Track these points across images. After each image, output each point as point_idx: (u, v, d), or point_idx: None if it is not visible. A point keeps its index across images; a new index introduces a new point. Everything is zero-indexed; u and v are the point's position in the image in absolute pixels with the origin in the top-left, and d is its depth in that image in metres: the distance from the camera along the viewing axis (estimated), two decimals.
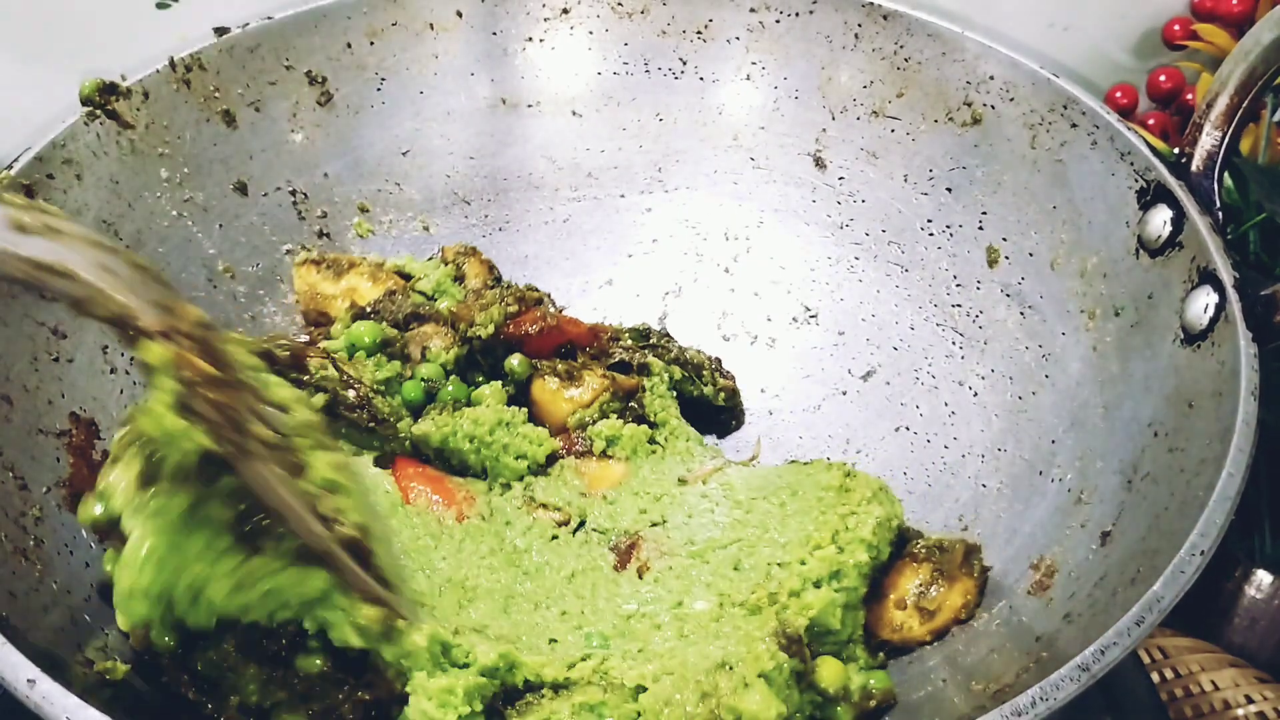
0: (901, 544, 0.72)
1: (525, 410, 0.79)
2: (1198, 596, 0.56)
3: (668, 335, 0.89)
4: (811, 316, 0.91)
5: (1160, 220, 0.73)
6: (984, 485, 0.78)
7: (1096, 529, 0.66)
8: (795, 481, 0.74)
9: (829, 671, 0.62)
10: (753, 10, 0.95)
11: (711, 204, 0.97)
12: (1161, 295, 0.72)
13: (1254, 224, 0.86)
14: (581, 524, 0.76)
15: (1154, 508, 0.63)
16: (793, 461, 0.82)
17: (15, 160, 0.73)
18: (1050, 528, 0.71)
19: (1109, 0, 0.98)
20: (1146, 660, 0.79)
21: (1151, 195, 0.75)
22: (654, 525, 0.75)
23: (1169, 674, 0.78)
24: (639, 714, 0.58)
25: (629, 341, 0.86)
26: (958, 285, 0.88)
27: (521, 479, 0.78)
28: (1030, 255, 0.84)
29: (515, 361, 0.80)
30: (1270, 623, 0.81)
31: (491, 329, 0.80)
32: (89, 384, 0.74)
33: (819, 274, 0.94)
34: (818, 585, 0.65)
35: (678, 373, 0.84)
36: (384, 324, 0.81)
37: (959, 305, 0.87)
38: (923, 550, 0.71)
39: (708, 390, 0.86)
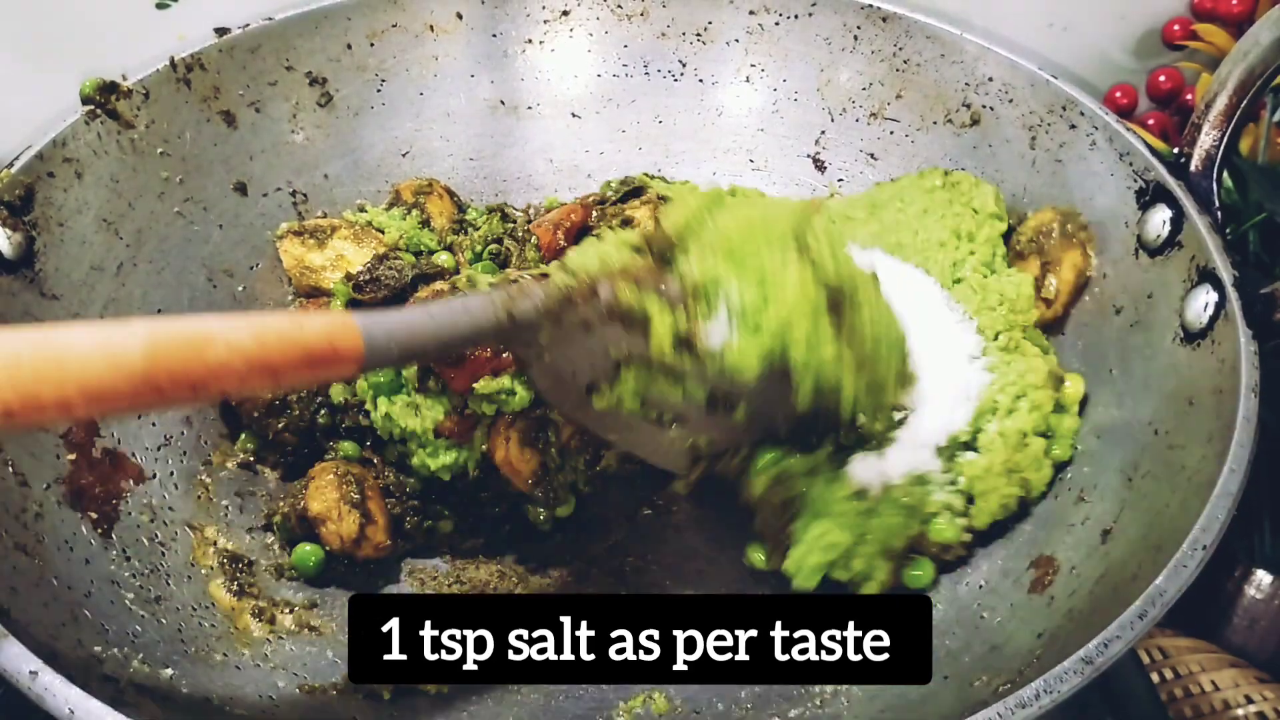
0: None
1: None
2: (1198, 596, 0.55)
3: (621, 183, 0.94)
4: None
5: (1159, 220, 0.74)
6: None
7: (1098, 527, 0.66)
8: (897, 191, 0.81)
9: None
10: (752, 12, 0.95)
11: None
12: (1161, 294, 0.72)
13: (1254, 224, 0.86)
14: None
15: (1155, 505, 0.63)
16: (877, 185, 0.86)
17: (16, 159, 0.73)
18: (1051, 526, 0.70)
19: (1109, 0, 0.99)
20: (1146, 660, 0.79)
21: (1151, 195, 0.75)
22: None
23: (1169, 674, 0.78)
24: None
25: (609, 192, 0.89)
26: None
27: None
28: None
29: None
30: (1270, 623, 0.81)
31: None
32: None
33: None
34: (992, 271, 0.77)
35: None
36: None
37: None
38: (1025, 244, 0.79)
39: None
